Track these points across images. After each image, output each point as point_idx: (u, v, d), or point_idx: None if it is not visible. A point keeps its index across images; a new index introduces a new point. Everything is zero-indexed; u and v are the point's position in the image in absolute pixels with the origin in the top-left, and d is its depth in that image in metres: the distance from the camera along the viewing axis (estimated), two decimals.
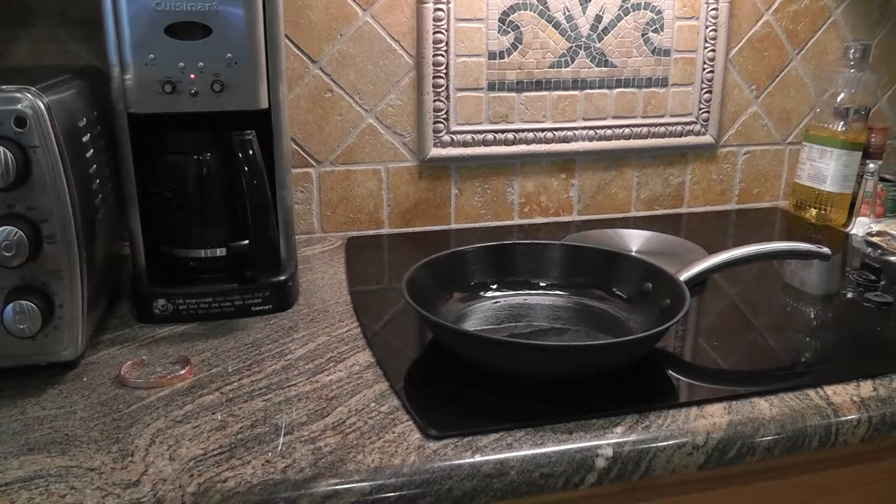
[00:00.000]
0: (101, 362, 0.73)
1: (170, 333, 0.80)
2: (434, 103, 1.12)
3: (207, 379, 0.71)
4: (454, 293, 0.84)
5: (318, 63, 1.08)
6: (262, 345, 0.78)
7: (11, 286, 0.66)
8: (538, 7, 1.12)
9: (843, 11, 1.27)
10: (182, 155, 0.83)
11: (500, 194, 1.20)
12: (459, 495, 0.58)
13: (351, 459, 0.58)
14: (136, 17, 0.74)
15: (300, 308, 0.87)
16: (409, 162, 1.15)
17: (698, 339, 0.82)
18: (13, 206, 0.64)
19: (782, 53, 1.26)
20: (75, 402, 0.66)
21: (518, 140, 1.17)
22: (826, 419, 0.66)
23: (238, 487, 0.55)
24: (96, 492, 0.54)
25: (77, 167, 0.70)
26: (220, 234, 0.85)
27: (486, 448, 0.60)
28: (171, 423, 0.63)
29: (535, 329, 0.81)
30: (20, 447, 0.60)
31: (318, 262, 1.03)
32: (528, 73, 1.14)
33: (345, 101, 1.10)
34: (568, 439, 0.61)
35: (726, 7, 1.19)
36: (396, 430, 0.62)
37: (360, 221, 1.15)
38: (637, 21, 1.16)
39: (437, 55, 1.10)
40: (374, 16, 1.08)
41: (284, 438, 0.61)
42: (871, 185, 1.13)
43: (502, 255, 0.88)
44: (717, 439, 0.63)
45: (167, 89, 0.76)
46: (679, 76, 1.21)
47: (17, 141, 0.63)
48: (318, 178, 1.12)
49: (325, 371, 0.72)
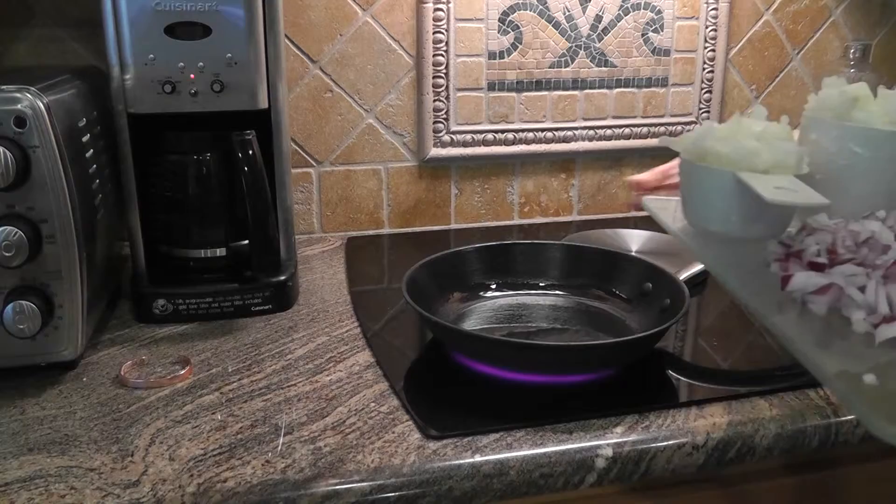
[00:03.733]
0: (101, 362, 0.73)
1: (170, 333, 0.80)
2: (434, 103, 1.12)
3: (207, 379, 0.70)
4: (454, 293, 0.84)
5: (318, 63, 1.08)
6: (262, 345, 0.78)
7: (11, 286, 0.66)
8: (538, 7, 1.12)
9: (843, 11, 1.27)
10: (182, 155, 0.83)
11: (499, 194, 1.20)
12: (459, 495, 0.58)
13: (351, 459, 0.58)
14: (135, 17, 0.74)
15: (300, 308, 0.87)
16: (408, 162, 1.15)
17: (698, 339, 0.82)
18: (13, 206, 0.64)
19: (782, 53, 1.26)
20: (75, 402, 0.66)
21: (518, 140, 1.16)
22: (826, 419, 0.66)
23: (238, 487, 0.55)
24: (96, 492, 0.54)
25: (77, 167, 0.70)
26: (220, 234, 0.85)
27: (486, 448, 0.60)
28: (170, 423, 0.63)
29: (535, 329, 0.81)
30: (20, 447, 0.60)
31: (318, 262, 1.03)
32: (528, 73, 1.14)
33: (345, 101, 1.10)
34: (568, 439, 0.61)
35: (726, 7, 1.19)
36: (396, 430, 0.62)
37: (360, 221, 1.15)
38: (637, 21, 1.16)
39: (437, 55, 1.10)
40: (374, 16, 1.08)
41: (284, 438, 0.61)
42: None
43: (502, 255, 0.88)
44: (717, 439, 0.63)
45: (167, 89, 0.76)
46: (679, 76, 1.21)
47: (17, 141, 0.63)
48: (318, 178, 1.12)
49: (324, 371, 0.72)
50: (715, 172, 0.56)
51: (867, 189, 0.57)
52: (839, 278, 0.46)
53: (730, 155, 0.56)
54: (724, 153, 0.56)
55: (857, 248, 0.49)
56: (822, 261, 0.49)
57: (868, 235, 0.50)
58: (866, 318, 0.44)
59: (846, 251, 0.49)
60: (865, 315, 0.44)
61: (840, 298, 0.45)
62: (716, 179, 0.55)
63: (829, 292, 0.46)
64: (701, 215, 0.58)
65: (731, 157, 0.56)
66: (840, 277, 0.46)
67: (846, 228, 0.51)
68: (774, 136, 0.56)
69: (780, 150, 0.55)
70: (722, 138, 0.57)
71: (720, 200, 0.55)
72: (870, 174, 0.57)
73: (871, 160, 0.56)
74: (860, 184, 0.57)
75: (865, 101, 0.58)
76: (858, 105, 0.58)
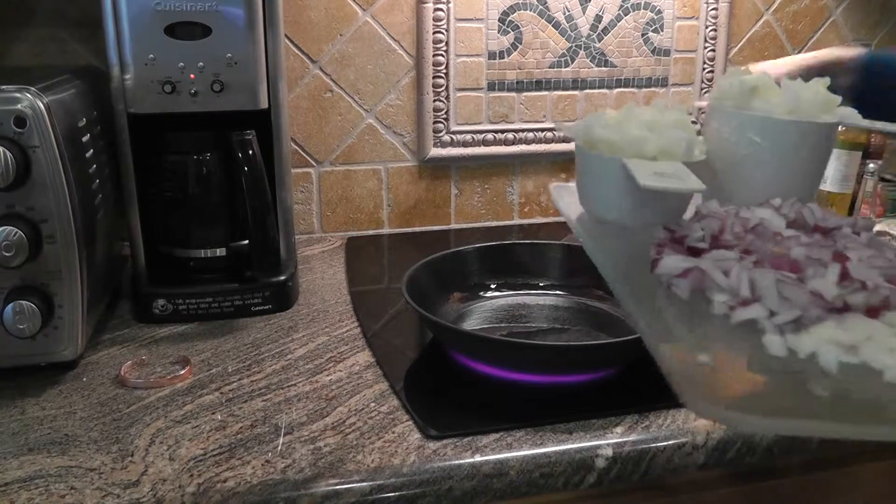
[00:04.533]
0: (101, 362, 0.73)
1: (170, 333, 0.80)
2: (434, 103, 1.12)
3: (207, 379, 0.70)
4: (454, 293, 0.84)
5: (318, 63, 1.08)
6: (262, 345, 0.78)
7: (11, 286, 0.66)
8: (538, 7, 1.12)
9: (843, 11, 1.27)
10: (182, 155, 0.83)
11: (499, 194, 1.20)
12: (459, 495, 0.58)
13: (351, 459, 0.58)
14: (135, 17, 0.74)
15: (300, 308, 0.87)
16: (408, 162, 1.15)
17: None
18: (13, 206, 0.64)
19: (782, 53, 1.26)
20: (75, 402, 0.66)
21: (518, 140, 1.16)
22: None
23: (238, 487, 0.55)
24: (96, 492, 0.54)
25: (77, 167, 0.70)
26: (220, 234, 0.85)
27: (486, 448, 0.60)
28: (170, 423, 0.63)
29: (535, 329, 0.81)
30: (20, 447, 0.60)
31: (317, 262, 1.03)
32: (527, 72, 1.14)
33: (345, 101, 1.10)
34: (568, 439, 0.61)
35: (726, 7, 1.19)
36: (396, 430, 0.62)
37: (360, 221, 1.15)
38: (637, 21, 1.16)
39: (437, 55, 1.10)
40: (374, 16, 1.08)
41: (284, 438, 0.61)
42: (871, 185, 1.13)
43: (502, 255, 0.88)
44: (717, 439, 0.63)
45: (167, 89, 0.76)
46: (679, 76, 1.21)
47: (17, 141, 0.63)
48: (317, 178, 1.12)
49: (324, 371, 0.72)
50: (604, 160, 0.55)
51: (766, 178, 0.57)
52: (706, 262, 0.45)
53: (618, 142, 0.55)
54: (613, 140, 0.56)
55: (744, 235, 0.49)
56: (703, 246, 0.48)
57: (756, 222, 0.50)
58: (726, 301, 0.43)
59: (733, 237, 0.49)
60: (727, 298, 0.43)
61: (704, 282, 0.45)
62: (604, 166, 0.55)
63: (690, 275, 0.45)
64: (594, 203, 0.58)
65: (619, 145, 0.55)
66: (708, 262, 0.45)
67: (736, 215, 0.51)
68: (666, 123, 0.56)
69: (668, 138, 0.54)
70: (610, 126, 0.57)
71: (609, 188, 0.55)
72: (768, 163, 0.57)
73: (770, 149, 0.56)
74: (759, 172, 0.57)
75: (766, 91, 0.58)
76: (758, 94, 0.58)
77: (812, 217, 0.52)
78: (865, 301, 0.42)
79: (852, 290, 0.42)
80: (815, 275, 0.43)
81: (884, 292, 0.42)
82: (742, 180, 0.58)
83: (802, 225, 0.52)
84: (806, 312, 0.41)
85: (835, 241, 0.49)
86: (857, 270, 0.43)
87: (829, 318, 0.41)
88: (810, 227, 0.52)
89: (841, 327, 0.40)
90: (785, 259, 0.44)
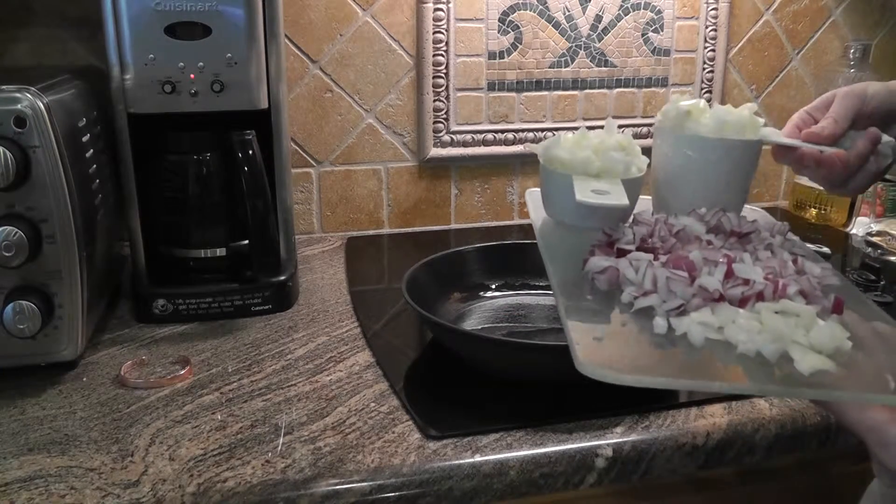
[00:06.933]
0: (101, 362, 0.73)
1: (170, 333, 0.80)
2: (434, 103, 1.12)
3: (207, 379, 0.71)
4: (454, 293, 0.84)
5: (318, 63, 1.08)
6: (262, 345, 0.78)
7: (11, 286, 0.66)
8: (538, 7, 1.12)
9: (843, 11, 1.27)
10: (182, 155, 0.83)
11: (499, 194, 1.20)
12: (459, 495, 0.58)
13: (351, 459, 0.58)
14: (135, 17, 0.74)
15: (300, 308, 0.87)
16: (408, 162, 1.15)
17: None
18: (13, 206, 0.65)
19: (782, 53, 1.26)
20: (75, 402, 0.66)
21: (518, 140, 1.16)
22: (826, 419, 0.66)
23: (238, 487, 0.55)
24: (96, 492, 0.54)
25: (77, 167, 0.70)
26: (220, 234, 0.85)
27: (486, 448, 0.60)
28: (170, 424, 0.63)
29: (535, 329, 0.81)
30: (20, 447, 0.60)
31: (317, 262, 1.03)
32: (527, 73, 1.14)
33: (345, 101, 1.10)
34: (568, 439, 0.61)
35: (726, 7, 1.19)
36: (396, 430, 0.62)
37: (360, 221, 1.15)
38: (637, 21, 1.16)
39: (437, 55, 1.10)
40: (374, 16, 1.08)
41: (284, 438, 0.61)
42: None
43: (502, 255, 0.88)
44: (717, 439, 0.63)
45: (167, 89, 0.76)
46: (679, 76, 1.21)
47: (17, 141, 0.63)
48: (317, 178, 1.12)
49: (324, 371, 0.72)
50: (558, 175, 0.68)
51: (698, 187, 0.69)
52: (623, 262, 0.57)
53: (570, 161, 0.68)
54: (566, 159, 0.68)
55: (669, 238, 0.60)
56: (630, 248, 0.59)
57: (680, 228, 0.61)
58: (632, 292, 0.54)
59: (659, 241, 0.59)
60: (634, 290, 0.54)
61: (618, 278, 0.56)
62: (559, 181, 0.67)
63: (608, 272, 0.57)
64: (551, 209, 0.71)
65: (571, 164, 0.67)
66: (624, 262, 0.57)
67: (665, 222, 0.62)
68: (609, 146, 0.68)
69: (609, 159, 0.67)
70: (566, 147, 0.69)
71: (563, 197, 0.66)
72: (699, 175, 0.68)
73: (700, 162, 0.68)
74: (692, 183, 0.69)
75: (699, 114, 0.69)
76: (692, 117, 0.69)
77: (729, 223, 0.62)
78: (740, 294, 0.52)
79: (733, 284, 0.53)
80: (708, 273, 0.54)
81: (758, 287, 0.52)
82: (677, 191, 0.70)
83: (721, 230, 0.62)
84: (688, 302, 0.52)
85: (750, 243, 0.60)
86: (739, 270, 0.54)
87: (707, 306, 0.52)
88: (727, 232, 0.62)
89: (714, 313, 0.51)
90: (684, 260, 0.55)
